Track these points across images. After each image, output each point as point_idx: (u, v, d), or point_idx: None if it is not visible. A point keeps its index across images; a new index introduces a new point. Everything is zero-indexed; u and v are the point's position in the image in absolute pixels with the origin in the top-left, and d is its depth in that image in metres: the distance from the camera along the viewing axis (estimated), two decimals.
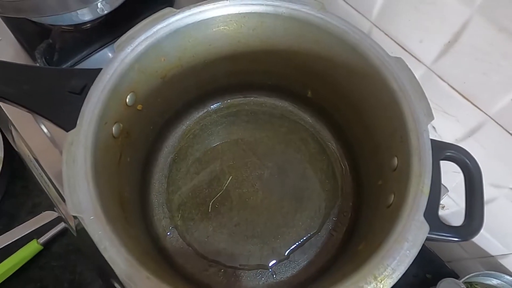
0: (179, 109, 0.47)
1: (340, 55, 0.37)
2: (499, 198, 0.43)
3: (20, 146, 0.57)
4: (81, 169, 0.28)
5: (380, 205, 0.34)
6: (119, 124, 0.35)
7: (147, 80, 0.37)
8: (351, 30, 0.35)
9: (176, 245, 0.42)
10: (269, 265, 0.42)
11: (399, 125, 0.32)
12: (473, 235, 0.29)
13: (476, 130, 0.40)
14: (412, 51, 0.40)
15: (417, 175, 0.29)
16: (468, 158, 0.32)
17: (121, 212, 0.33)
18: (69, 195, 0.27)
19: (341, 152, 0.47)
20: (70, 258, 0.62)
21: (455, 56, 0.36)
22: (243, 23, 0.38)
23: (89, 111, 0.30)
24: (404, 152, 0.31)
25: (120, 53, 0.33)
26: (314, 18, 0.36)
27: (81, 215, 0.27)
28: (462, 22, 0.33)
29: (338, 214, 0.44)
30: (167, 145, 0.48)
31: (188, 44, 0.39)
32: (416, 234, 0.26)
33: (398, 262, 0.25)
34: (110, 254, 0.25)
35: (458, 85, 0.38)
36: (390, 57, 0.34)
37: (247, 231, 0.43)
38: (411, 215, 0.27)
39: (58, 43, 0.56)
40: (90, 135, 0.30)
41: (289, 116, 0.50)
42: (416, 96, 0.32)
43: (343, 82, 0.40)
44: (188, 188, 0.46)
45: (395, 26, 0.40)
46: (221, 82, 0.47)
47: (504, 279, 0.50)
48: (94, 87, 0.31)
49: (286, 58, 0.42)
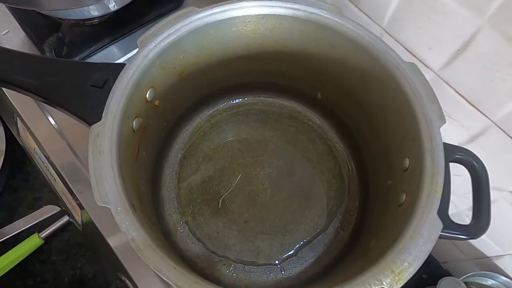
0: (191, 106, 0.48)
1: (354, 58, 0.39)
2: (499, 200, 0.45)
3: (25, 138, 0.57)
4: (107, 161, 0.28)
5: (391, 204, 0.35)
6: (139, 119, 0.35)
7: (165, 76, 0.38)
8: (367, 35, 0.37)
9: (186, 240, 0.43)
10: (277, 261, 0.43)
11: (411, 127, 0.34)
12: (482, 233, 0.31)
13: (479, 134, 0.42)
14: (421, 57, 0.42)
15: (431, 175, 0.30)
16: (475, 161, 0.34)
17: (140, 205, 0.34)
18: (96, 186, 0.27)
19: (348, 153, 0.49)
20: (71, 252, 0.62)
21: (463, 64, 0.38)
22: (261, 24, 0.39)
23: (113, 104, 0.31)
24: (416, 153, 0.32)
25: (144, 49, 0.34)
26: (331, 22, 0.37)
27: (108, 205, 0.27)
28: (472, 32, 0.35)
29: (345, 213, 0.45)
30: (178, 142, 0.48)
31: (206, 43, 0.39)
32: (430, 231, 0.28)
33: (414, 257, 0.27)
34: (138, 244, 0.26)
35: (465, 91, 0.40)
36: (404, 62, 0.35)
37: (256, 227, 0.44)
38: (425, 212, 0.29)
39: (68, 37, 0.56)
40: (115, 128, 0.30)
41: (297, 117, 0.51)
42: (428, 99, 0.33)
43: (356, 85, 0.41)
44: (198, 185, 0.46)
45: (405, 33, 0.42)
46: (233, 81, 0.48)
47: (499, 279, 0.52)
48: (118, 81, 0.32)
49: (300, 60, 0.43)
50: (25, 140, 0.57)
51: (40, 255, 0.62)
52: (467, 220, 0.52)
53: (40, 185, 0.67)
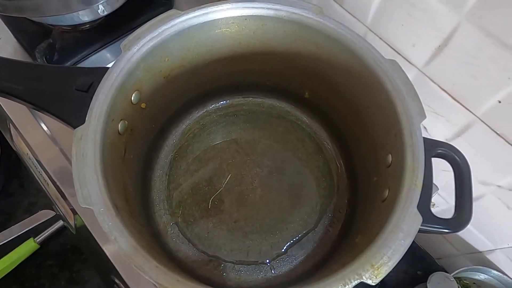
0: (180, 108, 0.48)
1: (337, 57, 0.39)
2: (487, 195, 0.45)
3: (18, 144, 0.57)
4: (90, 163, 0.29)
5: (376, 200, 0.35)
6: (124, 122, 0.36)
7: (151, 79, 0.38)
8: (348, 33, 0.37)
9: (176, 241, 0.43)
10: (267, 260, 0.43)
11: (393, 123, 0.34)
12: (463, 226, 0.31)
13: (465, 130, 0.42)
14: (404, 54, 0.42)
15: (411, 170, 0.31)
16: (457, 155, 0.34)
17: (126, 206, 0.34)
18: (79, 188, 0.28)
19: (336, 151, 0.49)
20: (67, 256, 0.62)
21: (445, 60, 0.38)
22: (245, 25, 0.40)
23: (97, 107, 0.31)
24: (398, 149, 0.33)
25: (127, 52, 0.34)
26: (313, 21, 0.38)
27: (91, 207, 0.28)
28: (452, 27, 0.35)
29: (334, 211, 0.46)
30: (168, 144, 0.49)
31: (191, 45, 0.40)
32: (410, 225, 0.28)
33: (393, 251, 0.27)
34: (120, 243, 0.26)
35: (448, 87, 0.40)
36: (384, 59, 0.36)
37: (246, 227, 0.45)
38: (405, 207, 0.29)
39: (59, 43, 0.56)
40: (99, 131, 0.31)
41: (286, 116, 0.52)
42: (409, 96, 0.34)
43: (340, 83, 0.41)
44: (188, 186, 0.47)
45: (389, 30, 0.42)
46: (221, 82, 0.49)
47: (491, 273, 0.52)
48: (102, 84, 0.32)
49: (285, 59, 0.44)
50: (18, 146, 0.57)
51: (36, 259, 0.63)
52: None
53: (35, 190, 0.68)
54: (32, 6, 0.48)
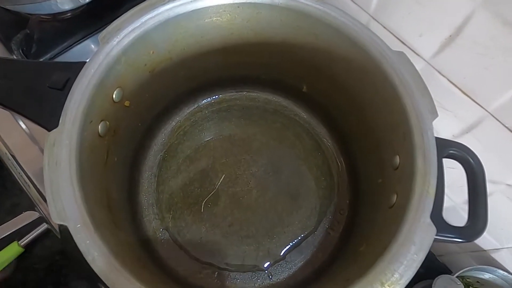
0: (169, 104, 0.45)
1: (339, 48, 0.36)
2: (495, 193, 0.43)
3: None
4: (65, 172, 0.26)
5: (382, 205, 0.33)
6: (105, 122, 0.32)
7: (134, 74, 0.35)
8: (351, 22, 0.34)
9: (167, 248, 0.40)
10: (264, 266, 0.41)
11: (401, 121, 0.31)
12: (478, 235, 0.29)
13: (474, 126, 0.39)
14: (411, 45, 0.39)
15: (422, 174, 0.28)
16: (471, 156, 0.31)
17: (109, 215, 0.31)
18: (52, 202, 0.25)
19: (336, 148, 0.46)
20: (54, 260, 0.59)
21: (456, 51, 0.35)
22: (237, 13, 0.36)
23: (72, 108, 0.28)
24: (407, 150, 0.30)
25: (106, 45, 0.31)
26: (312, 9, 0.34)
27: (66, 223, 0.24)
28: (465, 15, 0.32)
29: (334, 212, 0.43)
30: (156, 143, 0.45)
31: (178, 36, 0.36)
32: (423, 237, 0.26)
33: (405, 267, 0.25)
34: (99, 265, 0.23)
35: (458, 80, 0.37)
36: (391, 51, 0.32)
37: (241, 231, 0.42)
38: (417, 217, 0.26)
39: (36, 33, 0.52)
40: (74, 135, 0.27)
41: (283, 112, 0.49)
42: (419, 92, 0.31)
43: (342, 76, 0.38)
44: (179, 188, 0.44)
45: (394, 19, 0.39)
46: (212, 76, 0.45)
47: (496, 273, 0.50)
48: (77, 82, 0.29)
49: (281, 51, 0.40)
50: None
51: (22, 263, 0.60)
52: (463, 214, 0.50)
53: (18, 191, 0.65)
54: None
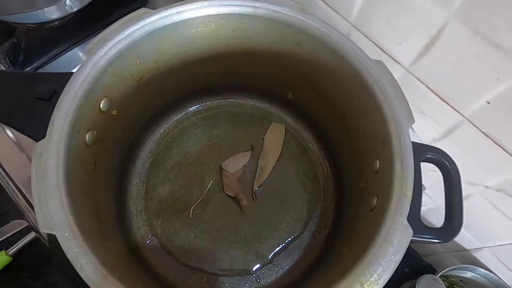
0: (157, 112, 0.45)
1: (321, 57, 0.37)
2: (474, 195, 0.44)
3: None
4: (52, 182, 0.26)
5: (363, 208, 0.34)
6: (92, 132, 0.33)
7: (122, 84, 0.36)
8: (332, 33, 0.35)
9: (156, 254, 0.41)
10: (253, 270, 0.41)
11: (381, 128, 0.32)
12: (453, 236, 0.30)
13: (452, 130, 0.41)
14: (391, 53, 0.40)
15: (400, 178, 0.29)
16: (447, 160, 0.32)
17: (97, 223, 0.31)
18: (40, 211, 0.25)
19: (322, 154, 0.47)
20: (42, 268, 0.59)
21: (432, 59, 0.37)
22: (222, 24, 0.37)
23: (59, 119, 0.28)
24: (386, 156, 0.31)
25: (93, 56, 0.31)
26: (294, 19, 0.36)
27: (53, 232, 0.25)
28: (439, 26, 0.34)
29: (320, 216, 0.44)
30: (145, 150, 0.46)
31: (165, 46, 0.37)
32: (401, 239, 0.27)
33: (383, 268, 0.26)
34: (87, 273, 0.24)
35: (435, 86, 0.39)
36: (371, 60, 0.34)
37: (229, 236, 0.43)
38: (395, 219, 0.27)
39: (24, 42, 0.53)
40: (62, 145, 0.28)
41: (270, 118, 0.50)
42: (397, 99, 0.32)
43: (324, 84, 0.39)
44: (168, 194, 0.44)
45: (374, 28, 0.40)
46: (200, 84, 0.46)
47: (478, 271, 0.52)
48: (64, 93, 0.29)
49: (267, 59, 0.41)
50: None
51: (9, 272, 0.59)
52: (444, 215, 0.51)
53: (5, 199, 0.64)
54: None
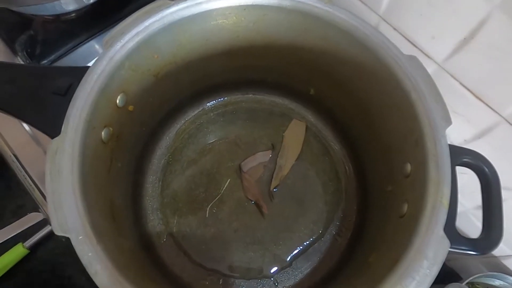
0: (173, 108, 0.44)
1: (348, 51, 0.35)
2: (508, 200, 0.41)
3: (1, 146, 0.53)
4: (67, 182, 0.25)
5: (392, 213, 0.32)
6: (108, 128, 0.32)
7: (138, 78, 0.34)
8: (361, 25, 0.33)
9: (172, 254, 0.40)
10: (270, 273, 0.40)
11: (413, 128, 0.30)
12: (492, 248, 0.27)
13: (487, 131, 0.38)
14: (423, 48, 0.38)
15: (435, 184, 0.27)
16: (486, 165, 0.30)
17: (112, 223, 0.30)
18: (53, 212, 0.24)
19: (344, 153, 0.45)
20: (57, 261, 0.59)
21: (470, 54, 0.34)
22: (244, 16, 0.35)
23: (75, 115, 0.27)
24: (419, 158, 0.29)
25: (109, 50, 0.30)
26: (320, 11, 0.33)
27: (68, 235, 0.24)
28: (481, 18, 0.31)
29: (342, 218, 0.42)
30: (161, 146, 0.45)
31: (183, 40, 0.35)
32: (437, 251, 0.25)
33: (417, 283, 0.24)
34: (102, 279, 0.23)
35: (471, 84, 0.36)
36: (403, 55, 0.31)
37: (247, 237, 0.41)
38: (430, 228, 0.25)
39: (41, 34, 0.52)
40: (77, 143, 0.27)
41: (290, 115, 0.48)
42: (432, 98, 0.30)
43: (350, 80, 0.37)
44: (184, 192, 0.43)
45: (405, 20, 0.38)
46: (218, 79, 0.45)
47: (507, 280, 0.49)
48: (80, 88, 0.28)
49: (289, 53, 0.39)
50: (1, 146, 0.53)
51: (26, 265, 0.60)
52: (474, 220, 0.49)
53: (23, 192, 0.64)
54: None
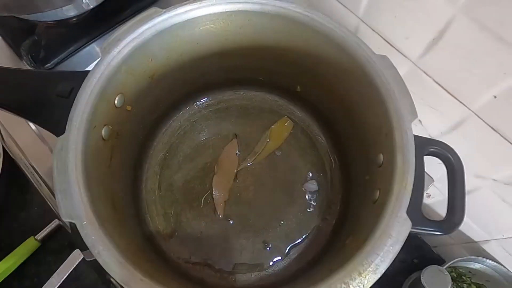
0: (169, 106, 0.47)
1: (326, 52, 0.38)
2: (483, 188, 0.44)
3: (9, 144, 0.57)
4: (72, 175, 0.28)
5: (367, 200, 0.35)
6: (108, 127, 0.35)
7: (135, 81, 0.37)
8: (337, 28, 0.35)
9: (169, 242, 0.43)
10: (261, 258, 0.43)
11: (384, 122, 0.33)
12: (454, 228, 0.30)
13: (460, 124, 0.41)
14: (398, 47, 0.41)
15: (401, 172, 0.30)
16: (450, 154, 0.33)
17: (113, 213, 0.34)
18: (61, 202, 0.27)
19: (330, 146, 0.48)
20: (65, 252, 0.63)
21: (439, 53, 0.37)
22: (230, 21, 0.38)
23: (77, 116, 0.30)
24: (389, 149, 0.32)
25: (107, 55, 0.33)
26: (300, 16, 0.36)
27: (73, 220, 0.27)
28: (446, 20, 0.34)
29: (327, 207, 0.45)
30: (158, 143, 0.48)
31: (175, 44, 0.38)
32: (399, 231, 0.28)
33: (381, 258, 0.27)
34: (104, 258, 0.26)
35: (443, 80, 0.39)
36: (375, 55, 0.34)
37: (239, 225, 0.44)
38: (395, 212, 0.28)
39: (44, 39, 0.55)
40: (80, 140, 0.30)
41: (279, 111, 0.51)
42: (400, 94, 0.33)
43: (331, 78, 0.40)
44: (180, 185, 0.46)
45: (381, 22, 0.41)
46: (210, 78, 0.48)
47: (486, 263, 0.52)
48: (81, 91, 0.31)
49: (275, 54, 0.42)
50: (9, 146, 0.57)
51: (35, 256, 0.64)
52: None
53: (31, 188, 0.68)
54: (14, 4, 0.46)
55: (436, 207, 0.55)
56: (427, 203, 0.57)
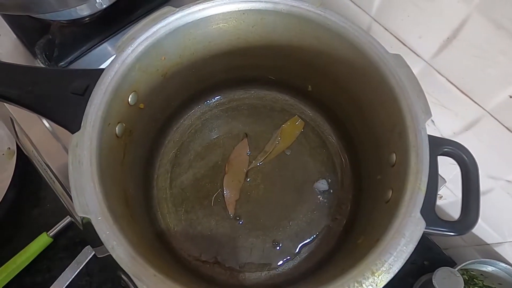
0: (180, 104, 0.48)
1: (339, 51, 0.37)
2: (496, 189, 0.44)
3: (23, 141, 0.58)
4: (87, 171, 0.29)
5: (379, 199, 0.35)
6: (122, 124, 0.35)
7: (148, 79, 0.38)
8: (350, 27, 0.35)
9: (179, 239, 0.43)
10: (271, 257, 0.43)
11: (397, 121, 0.33)
12: (468, 229, 0.30)
13: (473, 124, 0.40)
14: (411, 46, 0.40)
15: (415, 172, 0.30)
16: (465, 154, 0.32)
17: (126, 209, 0.34)
18: (76, 197, 0.28)
19: (341, 145, 0.48)
20: (76, 249, 0.64)
21: (453, 52, 0.37)
22: (243, 20, 0.38)
23: (92, 113, 0.31)
24: (402, 149, 0.32)
25: (121, 54, 0.33)
26: (313, 14, 0.36)
27: (88, 216, 0.27)
28: (461, 19, 0.34)
29: (337, 207, 0.45)
30: (169, 141, 0.48)
31: (188, 42, 0.39)
32: (413, 231, 0.27)
33: (395, 258, 0.26)
34: (118, 253, 0.26)
35: (457, 80, 0.39)
36: (388, 54, 0.34)
37: (249, 224, 0.45)
38: (408, 211, 0.28)
39: (58, 38, 0.56)
40: (95, 137, 0.30)
41: (289, 110, 0.51)
42: (414, 93, 0.32)
43: (343, 77, 0.40)
44: (191, 183, 0.47)
45: (394, 21, 0.40)
46: (221, 77, 0.48)
47: (498, 266, 0.51)
48: (96, 89, 0.32)
49: (287, 53, 0.42)
50: (23, 143, 0.58)
51: (47, 252, 0.64)
52: None
53: (44, 185, 0.69)
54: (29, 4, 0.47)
55: (448, 209, 0.55)
56: (438, 204, 0.56)
